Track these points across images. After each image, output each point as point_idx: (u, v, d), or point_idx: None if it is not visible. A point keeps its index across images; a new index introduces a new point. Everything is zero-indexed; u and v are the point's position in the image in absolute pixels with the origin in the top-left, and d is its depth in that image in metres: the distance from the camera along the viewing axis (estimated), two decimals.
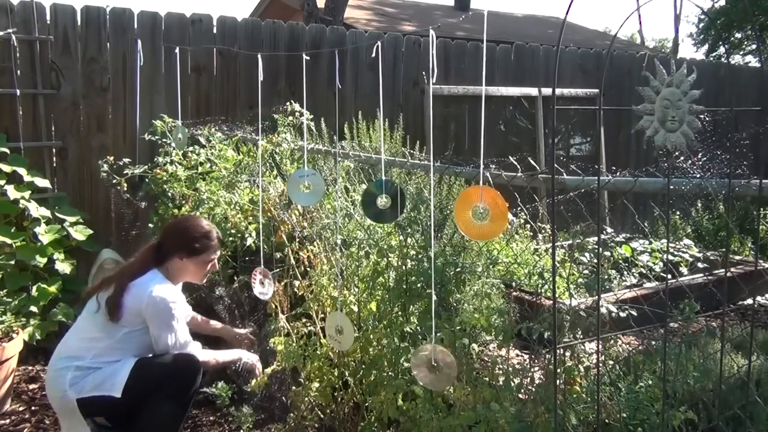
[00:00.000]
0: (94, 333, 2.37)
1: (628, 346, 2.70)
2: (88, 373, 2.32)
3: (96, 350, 2.35)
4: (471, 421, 1.77)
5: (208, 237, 2.52)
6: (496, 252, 2.72)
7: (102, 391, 2.28)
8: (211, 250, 2.52)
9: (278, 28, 4.80)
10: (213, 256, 2.54)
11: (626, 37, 28.28)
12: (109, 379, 2.30)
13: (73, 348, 2.37)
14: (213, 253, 2.54)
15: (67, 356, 2.35)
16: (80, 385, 2.29)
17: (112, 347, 2.36)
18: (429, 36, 1.58)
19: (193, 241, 2.48)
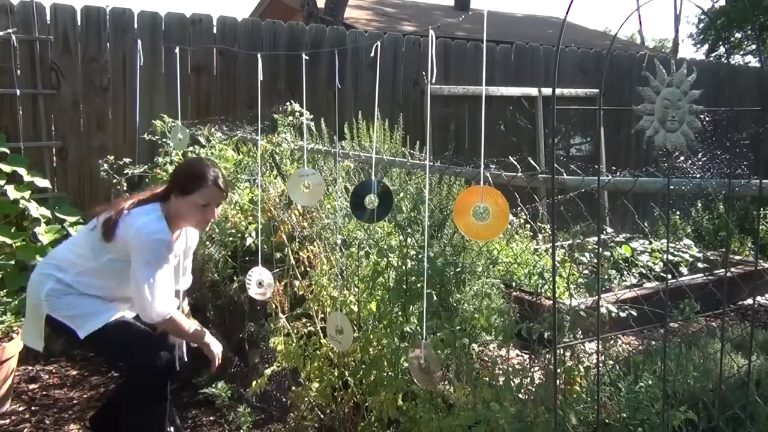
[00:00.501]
0: (85, 250, 2.35)
1: (628, 346, 2.70)
2: (66, 292, 2.32)
3: (80, 269, 2.33)
4: (471, 421, 1.77)
5: (202, 178, 2.31)
6: (496, 252, 2.73)
7: (71, 323, 2.29)
8: (203, 191, 2.30)
9: (278, 28, 4.80)
10: (208, 200, 2.31)
11: (626, 37, 28.29)
12: (81, 318, 2.30)
13: (62, 258, 2.38)
14: (207, 197, 2.31)
15: (54, 264, 2.36)
16: (55, 304, 2.30)
17: (95, 272, 2.32)
18: (429, 36, 1.58)
19: (186, 179, 2.33)
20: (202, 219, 2.36)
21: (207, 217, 2.35)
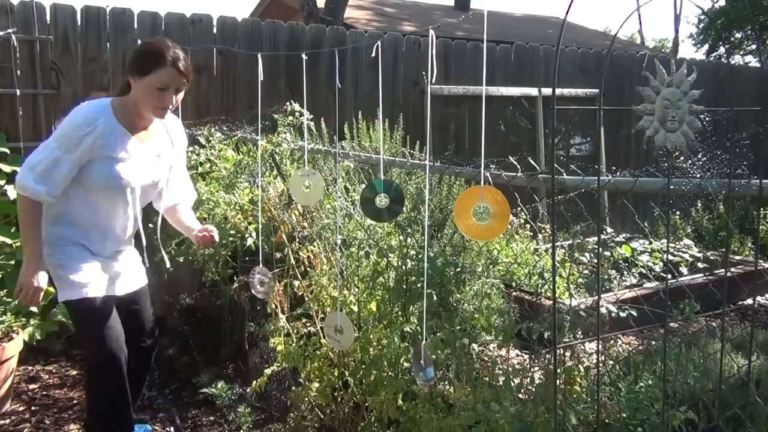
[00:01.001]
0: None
1: (628, 346, 2.70)
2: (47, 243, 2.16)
3: (54, 213, 2.17)
4: (471, 421, 1.77)
5: (160, 57, 2.05)
6: (496, 252, 2.73)
7: (55, 279, 2.19)
8: (160, 72, 2.04)
9: (278, 28, 4.80)
10: (165, 82, 2.05)
11: (626, 37, 28.30)
12: (62, 280, 2.17)
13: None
14: (165, 79, 2.05)
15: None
16: (46, 256, 2.15)
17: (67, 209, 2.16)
18: (429, 36, 1.59)
19: (142, 57, 2.09)
20: (159, 103, 2.08)
21: (165, 102, 2.08)
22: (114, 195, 2.17)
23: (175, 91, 2.11)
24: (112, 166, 2.11)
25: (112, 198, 2.18)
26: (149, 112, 2.13)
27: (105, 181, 2.12)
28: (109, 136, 2.09)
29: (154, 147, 2.24)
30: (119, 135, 2.10)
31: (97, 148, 2.07)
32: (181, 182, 2.45)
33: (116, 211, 2.22)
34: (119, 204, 2.21)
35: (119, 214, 2.24)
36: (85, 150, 2.05)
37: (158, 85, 2.06)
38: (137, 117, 2.15)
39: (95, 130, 2.06)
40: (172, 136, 2.32)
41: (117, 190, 2.15)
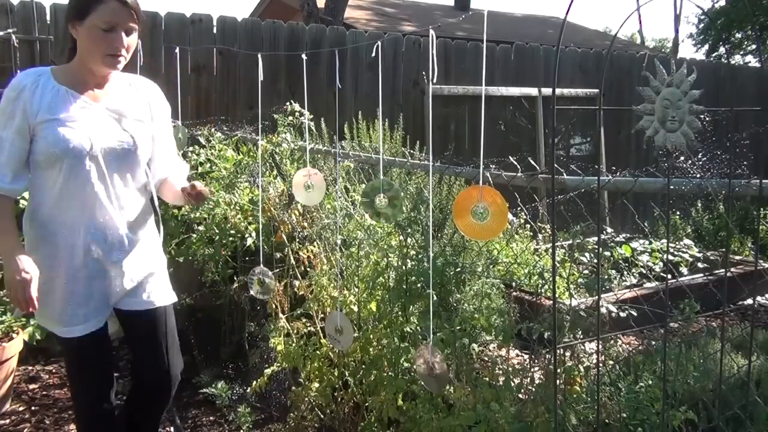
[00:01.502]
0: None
1: (628, 346, 2.70)
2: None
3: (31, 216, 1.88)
4: (471, 421, 1.77)
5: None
6: (496, 252, 2.73)
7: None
8: (101, 9, 1.70)
9: (278, 28, 4.80)
10: (109, 20, 1.71)
11: (626, 37, 28.30)
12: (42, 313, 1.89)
13: None
14: (108, 17, 1.71)
15: None
16: None
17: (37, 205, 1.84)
18: (429, 36, 1.59)
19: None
20: (108, 49, 1.72)
21: (114, 46, 1.72)
22: (72, 169, 1.73)
23: (125, 32, 1.73)
24: (54, 129, 1.70)
25: (73, 174, 1.74)
26: (99, 64, 1.73)
27: (50, 148, 1.70)
28: (45, 97, 1.72)
29: (116, 106, 1.82)
30: (60, 94, 1.73)
31: (33, 112, 1.71)
32: (166, 155, 2.02)
33: (84, 191, 1.76)
34: (85, 182, 1.75)
35: (88, 196, 1.76)
36: (20, 118, 1.71)
37: (103, 26, 1.70)
38: (87, 74, 1.78)
39: (24, 92, 1.72)
40: (148, 99, 1.92)
41: (71, 159, 1.72)
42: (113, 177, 1.81)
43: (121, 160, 1.81)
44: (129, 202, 1.86)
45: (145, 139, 1.87)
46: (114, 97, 1.83)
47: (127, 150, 1.82)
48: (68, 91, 1.75)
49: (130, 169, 1.85)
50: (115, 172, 1.81)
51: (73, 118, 1.73)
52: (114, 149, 1.79)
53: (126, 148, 1.82)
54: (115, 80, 1.86)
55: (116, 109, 1.82)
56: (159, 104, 1.96)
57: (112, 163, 1.79)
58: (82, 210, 1.78)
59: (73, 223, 1.78)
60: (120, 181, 1.83)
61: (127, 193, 1.86)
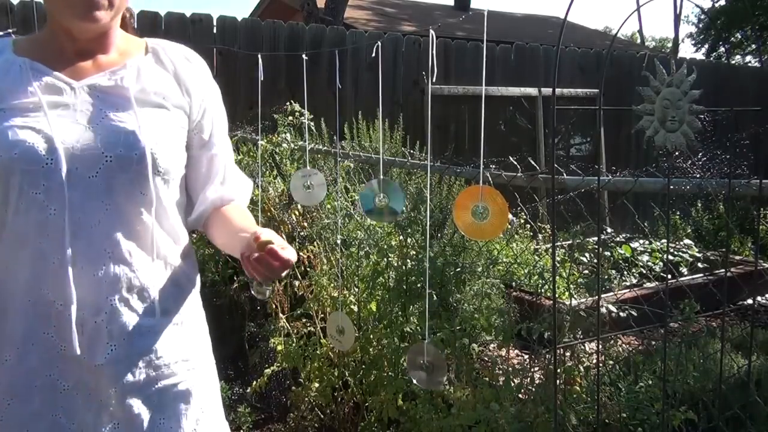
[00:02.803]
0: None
1: (628, 346, 2.70)
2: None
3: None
4: (471, 421, 1.77)
5: None
6: (496, 252, 2.73)
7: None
8: None
9: (278, 28, 4.80)
10: None
11: (626, 36, 28.30)
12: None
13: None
14: None
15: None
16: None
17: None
18: (429, 36, 1.58)
19: None
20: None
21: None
22: (21, 194, 0.97)
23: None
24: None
25: (23, 203, 0.97)
26: (76, 20, 1.02)
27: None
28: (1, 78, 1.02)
29: (111, 81, 1.06)
30: (16, 71, 1.03)
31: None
32: (216, 168, 1.18)
33: (36, 235, 0.97)
34: (38, 216, 0.97)
35: (44, 242, 0.97)
36: None
37: None
38: (63, 39, 1.06)
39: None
40: (177, 72, 1.12)
41: (19, 176, 0.96)
42: (100, 207, 0.99)
43: (114, 177, 0.99)
44: (137, 252, 1.02)
45: (163, 137, 1.05)
46: (112, 69, 1.06)
47: (123, 158, 0.99)
48: (32, 65, 1.03)
49: (133, 192, 1.01)
50: (106, 199, 0.99)
51: (29, 106, 0.99)
52: (96, 155, 0.98)
53: (121, 154, 0.99)
54: (119, 46, 1.10)
55: (110, 88, 1.04)
56: (198, 80, 1.14)
57: (99, 183, 0.98)
58: (32, 268, 0.97)
59: (19, 292, 0.98)
60: (118, 214, 1.00)
61: (136, 235, 1.02)
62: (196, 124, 1.13)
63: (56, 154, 0.96)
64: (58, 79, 1.03)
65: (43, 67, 1.04)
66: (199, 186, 1.16)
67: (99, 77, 1.05)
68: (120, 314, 0.99)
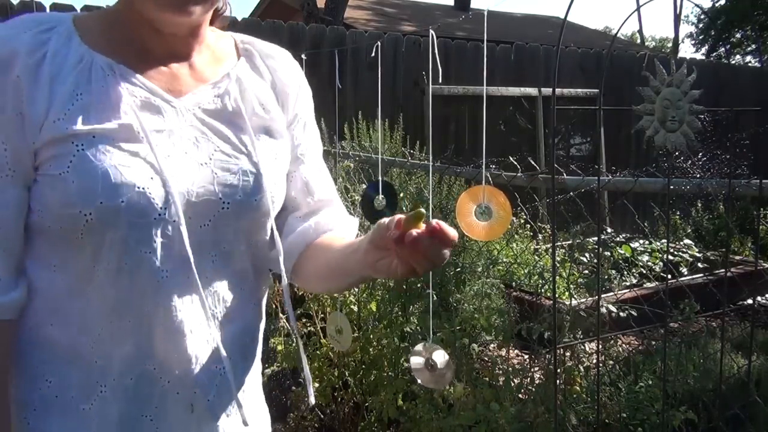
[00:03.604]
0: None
1: (628, 346, 2.70)
2: None
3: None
4: (471, 421, 1.77)
5: None
6: (496, 252, 2.73)
7: None
8: None
9: (278, 28, 4.80)
10: None
11: (626, 36, 28.31)
12: None
13: None
14: None
15: None
16: None
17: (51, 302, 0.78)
18: (429, 36, 1.59)
19: None
20: None
21: None
22: (126, 249, 0.73)
23: None
24: (87, 156, 0.71)
25: (127, 261, 0.74)
26: (165, 13, 0.75)
27: (76, 201, 0.71)
28: (63, 77, 0.73)
29: (219, 102, 0.81)
30: (104, 77, 0.74)
31: (36, 116, 0.71)
32: (322, 189, 0.95)
33: (145, 298, 0.76)
34: (150, 277, 0.75)
35: (157, 305, 0.76)
36: (8, 133, 0.71)
37: None
38: (145, 33, 0.78)
39: (13, 68, 0.71)
40: (278, 82, 0.89)
41: (125, 228, 0.72)
42: (208, 261, 0.79)
43: (227, 225, 0.79)
44: (241, 306, 0.85)
45: (278, 173, 0.85)
46: (214, 82, 0.82)
47: (242, 204, 0.79)
48: (117, 68, 0.75)
49: (242, 241, 0.82)
50: (213, 250, 0.80)
51: (126, 131, 0.73)
52: (213, 201, 0.77)
53: (240, 200, 0.79)
54: (209, 44, 0.84)
55: (217, 109, 0.80)
56: (296, 92, 0.91)
57: (209, 233, 0.78)
58: (135, 340, 0.76)
59: (116, 369, 0.77)
60: (224, 267, 0.82)
61: (239, 287, 0.84)
62: (291, 146, 0.90)
63: (172, 203, 0.73)
64: (154, 94, 0.76)
65: (131, 72, 0.76)
66: (287, 217, 0.91)
67: (202, 93, 0.80)
68: (229, 384, 0.81)
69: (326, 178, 0.97)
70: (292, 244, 0.88)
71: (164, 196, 0.73)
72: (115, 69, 0.75)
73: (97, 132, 0.72)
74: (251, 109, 0.83)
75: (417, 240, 0.65)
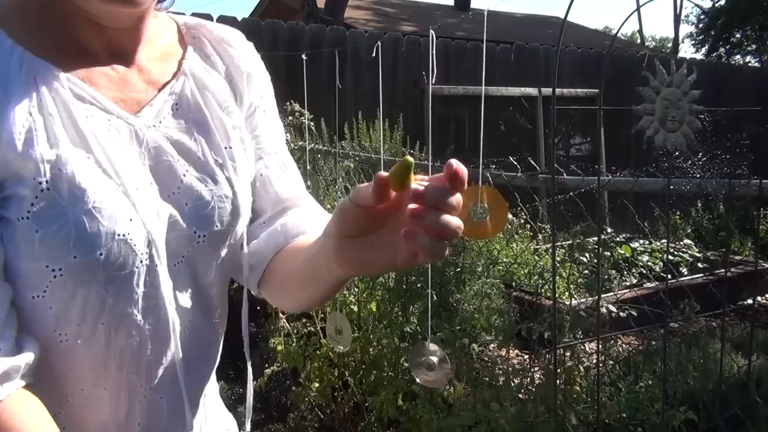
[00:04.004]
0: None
1: (628, 346, 2.70)
2: None
3: None
4: (471, 421, 1.77)
5: None
6: (496, 252, 2.73)
7: None
8: None
9: (278, 28, 4.80)
10: None
11: (626, 36, 28.30)
12: None
13: None
14: None
15: None
16: None
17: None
18: (429, 36, 1.59)
19: None
20: None
21: None
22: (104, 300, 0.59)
23: None
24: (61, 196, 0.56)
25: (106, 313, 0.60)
26: (107, 3, 0.58)
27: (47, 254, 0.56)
28: (14, 89, 0.56)
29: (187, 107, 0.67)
30: (46, 87, 0.58)
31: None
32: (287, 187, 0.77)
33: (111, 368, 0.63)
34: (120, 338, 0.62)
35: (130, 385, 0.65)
36: None
37: None
38: (81, 26, 0.62)
39: None
40: (234, 76, 0.74)
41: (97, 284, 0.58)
42: (187, 300, 0.68)
43: (202, 257, 0.69)
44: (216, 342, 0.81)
45: (247, 185, 0.73)
46: (169, 84, 0.67)
47: (219, 234, 0.68)
48: (61, 78, 0.59)
49: (218, 272, 0.72)
50: (192, 287, 0.69)
51: (94, 162, 0.59)
52: (185, 236, 0.66)
53: (217, 230, 0.68)
54: (154, 38, 0.69)
55: (183, 121, 0.67)
56: (251, 78, 0.77)
57: (185, 270, 0.67)
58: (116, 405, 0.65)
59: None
60: (203, 302, 0.72)
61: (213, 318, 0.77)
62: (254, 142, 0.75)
63: (154, 245, 0.61)
64: (109, 112, 0.61)
65: (79, 83, 0.60)
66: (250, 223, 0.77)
67: (158, 102, 0.65)
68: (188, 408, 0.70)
69: (291, 173, 0.79)
70: (257, 255, 0.74)
71: (145, 239, 0.60)
72: (62, 80, 0.59)
73: (60, 164, 0.55)
74: (214, 112, 0.68)
75: (423, 195, 0.49)
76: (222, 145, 0.67)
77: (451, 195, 0.50)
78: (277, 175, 0.76)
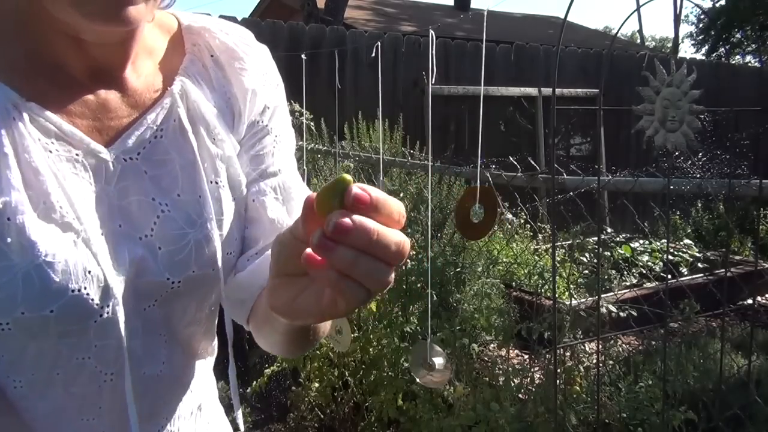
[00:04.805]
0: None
1: (628, 346, 2.70)
2: None
3: None
4: (471, 421, 1.77)
5: None
6: (496, 252, 2.73)
7: None
8: None
9: (278, 28, 4.80)
10: None
11: (626, 36, 28.30)
12: None
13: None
14: None
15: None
16: None
17: None
18: (429, 36, 1.59)
19: None
20: None
21: None
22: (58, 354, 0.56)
23: None
24: (8, 247, 0.49)
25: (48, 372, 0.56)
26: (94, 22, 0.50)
27: None
28: None
29: (158, 144, 0.59)
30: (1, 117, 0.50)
31: None
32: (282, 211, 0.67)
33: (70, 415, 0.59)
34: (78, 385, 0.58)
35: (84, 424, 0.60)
36: None
37: None
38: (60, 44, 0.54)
39: None
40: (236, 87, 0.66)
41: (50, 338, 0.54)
42: (159, 342, 0.63)
43: (177, 301, 0.62)
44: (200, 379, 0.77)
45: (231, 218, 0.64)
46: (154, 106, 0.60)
47: (195, 279, 0.61)
48: (21, 107, 0.52)
49: (195, 314, 0.66)
50: (164, 330, 0.63)
51: (51, 206, 0.52)
52: (158, 283, 0.59)
53: (193, 275, 0.61)
54: (150, 45, 0.62)
55: (163, 152, 0.59)
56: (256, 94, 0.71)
57: (156, 313, 0.61)
58: None
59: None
60: (177, 345, 0.66)
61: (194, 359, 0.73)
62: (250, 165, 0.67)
63: (113, 300, 0.55)
64: (76, 146, 0.54)
65: (41, 111, 0.52)
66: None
67: (139, 131, 0.58)
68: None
69: (293, 196, 0.68)
70: (245, 289, 0.65)
71: (103, 292, 0.54)
72: (21, 109, 0.51)
73: (9, 213, 0.49)
74: (202, 142, 0.61)
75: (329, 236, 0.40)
76: (206, 180, 0.60)
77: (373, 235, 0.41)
78: (272, 202, 0.66)
